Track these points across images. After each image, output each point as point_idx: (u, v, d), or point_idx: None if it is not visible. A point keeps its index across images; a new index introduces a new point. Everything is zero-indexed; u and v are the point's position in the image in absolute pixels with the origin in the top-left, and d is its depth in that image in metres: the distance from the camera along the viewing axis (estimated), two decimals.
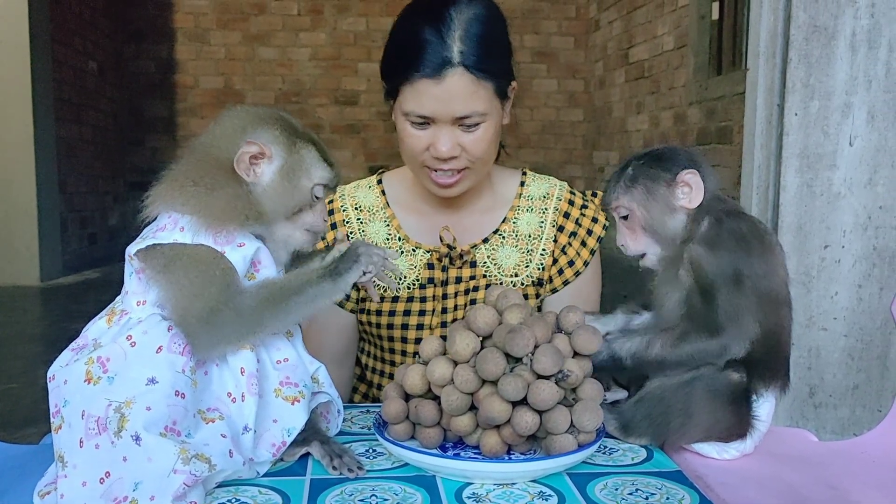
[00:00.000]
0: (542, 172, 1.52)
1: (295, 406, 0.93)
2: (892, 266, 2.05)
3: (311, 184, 0.96)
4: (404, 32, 1.30)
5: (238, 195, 0.92)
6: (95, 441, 0.83)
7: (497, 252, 1.42)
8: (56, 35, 5.96)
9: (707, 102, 5.11)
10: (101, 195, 6.96)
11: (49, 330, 4.48)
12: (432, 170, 1.31)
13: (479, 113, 1.26)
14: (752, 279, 0.99)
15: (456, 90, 1.24)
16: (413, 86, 1.25)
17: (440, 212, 1.42)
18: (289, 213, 0.96)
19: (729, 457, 1.04)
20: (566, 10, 7.71)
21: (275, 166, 0.94)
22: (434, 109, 1.25)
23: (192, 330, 0.88)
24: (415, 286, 1.40)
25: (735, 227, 1.02)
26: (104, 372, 0.85)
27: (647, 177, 1.05)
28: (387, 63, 1.32)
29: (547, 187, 1.47)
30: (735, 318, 0.98)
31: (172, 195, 0.92)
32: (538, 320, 0.95)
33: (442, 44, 1.23)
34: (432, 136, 1.27)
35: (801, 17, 2.00)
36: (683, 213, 1.05)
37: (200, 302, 0.88)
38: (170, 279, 0.89)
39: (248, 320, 0.89)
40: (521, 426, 0.90)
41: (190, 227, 0.90)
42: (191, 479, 0.81)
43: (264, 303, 0.90)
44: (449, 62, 1.23)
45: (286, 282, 0.94)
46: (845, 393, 2.11)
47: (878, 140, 2.02)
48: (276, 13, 7.63)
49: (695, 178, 1.03)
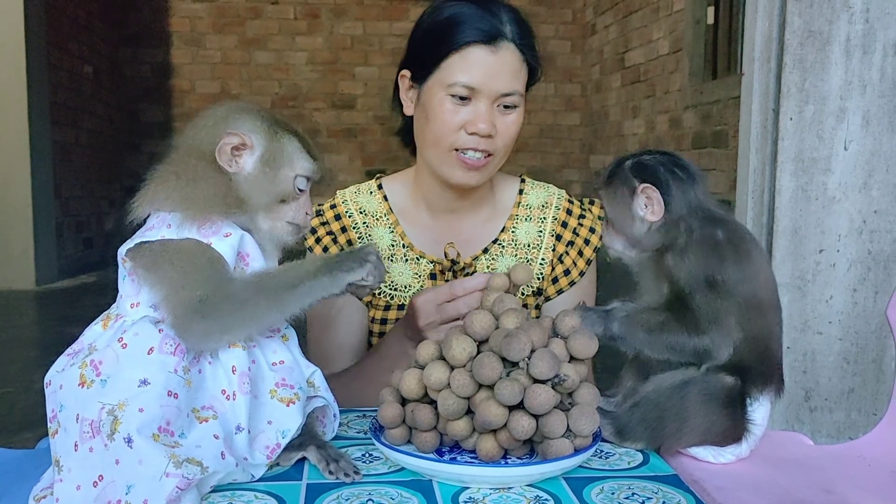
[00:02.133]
0: (539, 176, 1.52)
1: (290, 408, 0.93)
2: (886, 270, 2.06)
3: (292, 174, 0.96)
4: (448, 10, 1.30)
5: (219, 184, 0.92)
6: (89, 444, 0.83)
7: (497, 262, 1.41)
8: (52, 39, 5.95)
9: (702, 106, 5.13)
10: (96, 199, 6.95)
11: (44, 334, 4.47)
12: (462, 151, 1.29)
13: (519, 93, 1.29)
14: (728, 285, 0.99)
15: (507, 62, 1.27)
16: (464, 54, 1.26)
17: (442, 221, 1.42)
18: (271, 202, 0.95)
19: (725, 461, 1.04)
20: (563, 14, 7.73)
21: (256, 155, 0.94)
22: (483, 80, 1.26)
23: (183, 321, 0.87)
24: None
25: (709, 234, 1.02)
26: (97, 375, 0.85)
27: (620, 180, 1.07)
28: (426, 38, 1.32)
29: (545, 196, 1.47)
30: (716, 320, 0.99)
31: (157, 193, 0.92)
32: (534, 325, 0.95)
33: (496, 17, 1.27)
34: (471, 112, 1.27)
35: (795, 21, 2.01)
36: (646, 224, 1.06)
37: (189, 291, 0.87)
38: (158, 274, 0.89)
39: (241, 308, 0.89)
40: (517, 430, 0.90)
41: (175, 223, 0.90)
42: (183, 482, 0.81)
43: (257, 291, 0.90)
44: (503, 35, 1.26)
45: (282, 272, 0.93)
46: (841, 397, 2.11)
47: (872, 144, 2.03)
48: (273, 17, 7.63)
49: (654, 194, 1.04)
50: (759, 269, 1.03)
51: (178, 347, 0.87)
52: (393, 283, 1.40)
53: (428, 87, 1.30)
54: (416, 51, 1.34)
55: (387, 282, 1.40)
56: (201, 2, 7.56)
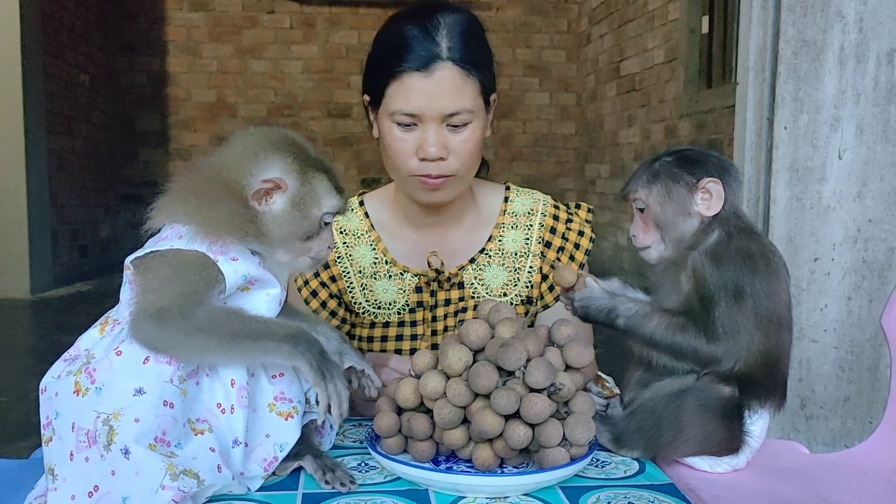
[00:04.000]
0: (534, 185, 1.52)
1: (288, 422, 0.93)
2: (881, 278, 2.07)
3: (320, 213, 0.95)
4: (390, 34, 1.30)
5: (241, 215, 0.91)
6: (85, 454, 0.83)
7: (484, 272, 1.41)
8: (48, 47, 5.95)
9: (697, 115, 5.14)
10: (92, 208, 6.94)
11: (39, 343, 4.45)
12: (420, 176, 1.29)
13: (468, 110, 1.26)
14: (754, 298, 0.99)
15: (445, 84, 1.24)
16: (401, 81, 1.25)
17: (425, 234, 1.41)
18: (296, 240, 0.95)
19: (721, 470, 1.04)
20: (558, 23, 7.76)
21: (286, 196, 0.93)
22: (422, 105, 1.24)
23: (136, 323, 0.86)
24: (405, 311, 1.39)
25: (744, 245, 1.02)
26: (92, 383, 0.85)
27: (671, 176, 1.05)
28: (372, 66, 1.32)
29: (531, 202, 1.46)
30: (732, 333, 0.98)
31: (175, 207, 0.92)
32: (530, 334, 0.96)
33: (430, 40, 1.25)
34: (419, 137, 1.26)
35: (789, 31, 2.02)
36: (698, 219, 1.05)
37: (154, 296, 0.87)
38: (144, 276, 0.89)
39: (195, 333, 0.86)
40: (513, 440, 0.90)
41: (188, 236, 0.89)
42: (179, 495, 0.81)
43: (218, 326, 0.87)
44: (437, 56, 1.24)
45: (251, 320, 0.90)
46: (836, 405, 2.11)
47: (866, 153, 2.04)
48: (269, 26, 7.65)
49: (717, 188, 1.03)
50: (783, 287, 1.03)
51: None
52: (376, 301, 1.40)
53: (380, 114, 1.31)
54: (367, 76, 1.34)
55: (370, 300, 1.40)
56: (197, 11, 7.57)
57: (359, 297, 1.40)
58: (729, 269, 1.00)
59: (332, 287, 1.40)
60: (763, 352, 1.00)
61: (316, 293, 1.40)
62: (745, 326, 0.98)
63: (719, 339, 0.98)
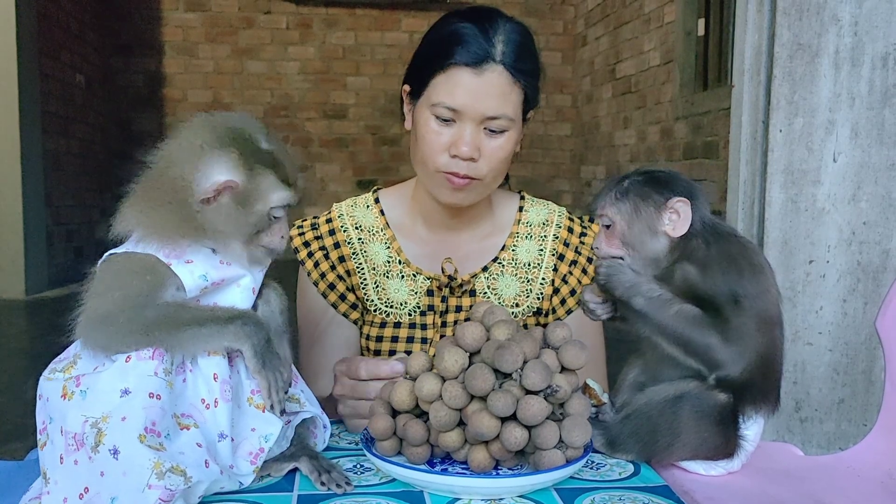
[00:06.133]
0: (529, 186, 1.52)
1: (266, 413, 0.93)
2: (876, 281, 2.07)
3: (266, 208, 0.93)
4: (445, 28, 1.29)
5: (189, 214, 0.90)
6: (74, 457, 0.83)
7: (497, 281, 1.40)
8: (43, 48, 5.94)
9: (693, 118, 5.16)
10: (87, 208, 6.93)
11: (34, 344, 4.44)
12: (447, 173, 1.27)
13: (508, 117, 1.25)
14: (748, 300, 0.99)
15: (492, 86, 1.23)
16: (449, 75, 1.24)
17: (439, 236, 1.41)
18: (244, 236, 0.93)
19: (716, 473, 1.04)
20: (554, 25, 7.77)
21: (230, 193, 0.91)
22: (466, 102, 1.23)
23: (84, 328, 0.87)
24: (415, 313, 1.39)
25: (724, 248, 1.02)
26: (77, 386, 0.86)
27: (639, 194, 1.05)
28: (420, 57, 1.31)
29: (546, 213, 1.45)
30: (741, 338, 0.98)
31: (130, 213, 0.92)
32: (526, 336, 0.96)
33: (486, 39, 1.24)
34: (455, 134, 1.25)
35: (785, 34, 2.03)
36: (666, 240, 1.04)
37: (100, 301, 0.88)
38: (93, 281, 0.90)
39: (141, 333, 0.86)
40: (510, 442, 0.90)
41: (143, 240, 0.90)
42: (166, 493, 0.81)
43: (164, 321, 0.88)
44: (491, 57, 1.23)
45: (198, 309, 0.91)
46: (831, 407, 2.12)
47: (861, 156, 2.05)
48: (265, 27, 7.64)
49: (685, 208, 1.03)
50: (770, 283, 1.03)
51: (156, 351, 0.87)
52: (388, 300, 1.39)
53: (419, 105, 1.29)
54: (413, 67, 1.33)
55: (382, 298, 1.40)
56: (194, 11, 7.57)
57: (371, 294, 1.40)
58: (717, 275, 0.99)
59: (349, 281, 1.41)
60: (760, 353, 1.00)
61: (334, 286, 1.40)
62: (748, 334, 0.98)
63: (733, 342, 0.98)
